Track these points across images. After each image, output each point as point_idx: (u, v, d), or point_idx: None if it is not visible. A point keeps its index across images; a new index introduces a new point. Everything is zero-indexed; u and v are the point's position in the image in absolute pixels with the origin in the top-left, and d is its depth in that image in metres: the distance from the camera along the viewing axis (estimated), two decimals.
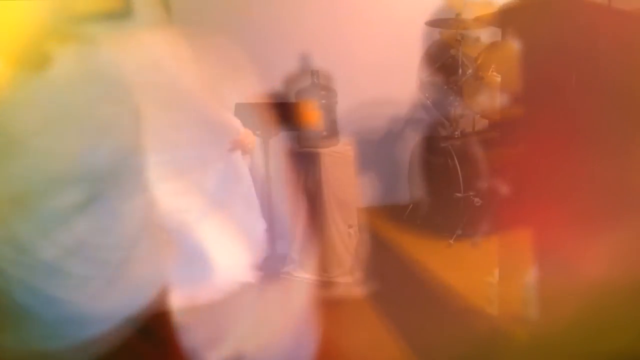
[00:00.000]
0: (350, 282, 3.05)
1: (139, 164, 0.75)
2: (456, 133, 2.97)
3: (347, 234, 3.12)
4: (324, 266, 3.09)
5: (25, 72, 0.59)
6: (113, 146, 0.69)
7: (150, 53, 0.83)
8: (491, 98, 2.75)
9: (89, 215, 0.72)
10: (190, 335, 0.95)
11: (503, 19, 1.87)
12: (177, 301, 0.93)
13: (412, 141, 3.26)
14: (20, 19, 0.59)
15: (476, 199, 2.70)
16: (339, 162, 3.10)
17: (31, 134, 0.60)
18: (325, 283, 3.03)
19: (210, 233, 0.98)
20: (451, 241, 2.74)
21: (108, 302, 0.80)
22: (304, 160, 3.13)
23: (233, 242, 1.06)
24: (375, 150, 3.61)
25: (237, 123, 1.14)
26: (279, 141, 3.09)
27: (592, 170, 1.48)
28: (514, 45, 1.68)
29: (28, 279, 0.68)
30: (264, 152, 3.05)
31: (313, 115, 3.09)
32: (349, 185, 3.14)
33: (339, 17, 3.38)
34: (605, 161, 1.48)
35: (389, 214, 3.42)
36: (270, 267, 3.09)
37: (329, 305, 2.81)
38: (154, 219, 0.84)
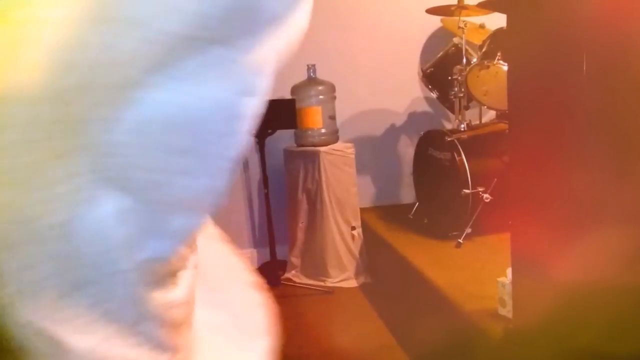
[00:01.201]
0: (354, 287, 2.97)
1: None
2: (462, 126, 2.87)
3: (349, 236, 3.03)
4: (326, 271, 2.99)
5: None
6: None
7: None
8: (498, 88, 2.64)
9: None
10: None
11: (508, 4, 1.76)
12: None
13: (415, 136, 3.15)
14: None
15: (485, 195, 2.60)
16: (339, 160, 3.01)
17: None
18: (327, 289, 2.93)
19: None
20: (460, 240, 2.63)
21: None
22: (302, 160, 3.04)
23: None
24: (377, 147, 3.52)
25: None
26: (275, 140, 3.01)
27: (603, 163, 1.38)
28: (521, 32, 1.58)
29: None
30: (260, 152, 2.98)
31: (310, 112, 3.00)
32: (350, 184, 3.05)
33: (336, 7, 3.28)
34: (616, 154, 1.37)
35: (393, 214, 3.31)
36: (270, 274, 3.02)
37: (333, 312, 2.74)
38: None
